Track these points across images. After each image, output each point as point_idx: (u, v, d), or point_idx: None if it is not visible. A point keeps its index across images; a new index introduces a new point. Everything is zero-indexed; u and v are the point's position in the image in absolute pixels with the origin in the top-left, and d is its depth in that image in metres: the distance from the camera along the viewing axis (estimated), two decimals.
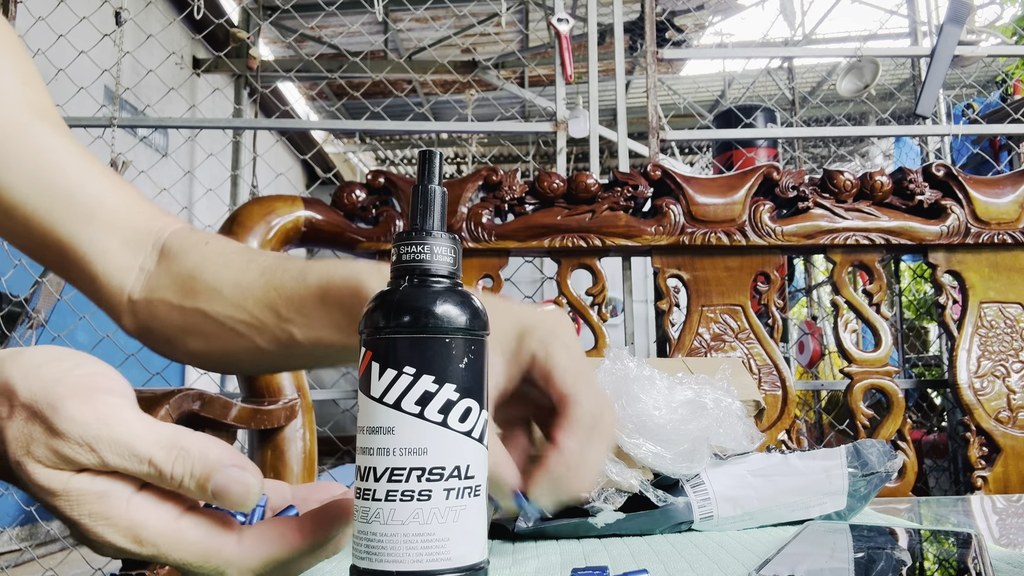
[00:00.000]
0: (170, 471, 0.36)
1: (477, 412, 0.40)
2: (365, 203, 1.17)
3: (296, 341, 0.54)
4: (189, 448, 0.36)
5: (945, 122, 2.88)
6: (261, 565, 0.37)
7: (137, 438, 0.36)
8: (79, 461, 0.35)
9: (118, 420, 0.36)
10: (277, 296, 0.54)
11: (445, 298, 0.39)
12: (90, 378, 0.37)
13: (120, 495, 0.36)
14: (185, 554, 0.36)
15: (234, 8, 5.17)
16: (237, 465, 0.36)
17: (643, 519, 0.62)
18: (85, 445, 0.35)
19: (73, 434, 0.35)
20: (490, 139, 6.89)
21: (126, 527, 0.35)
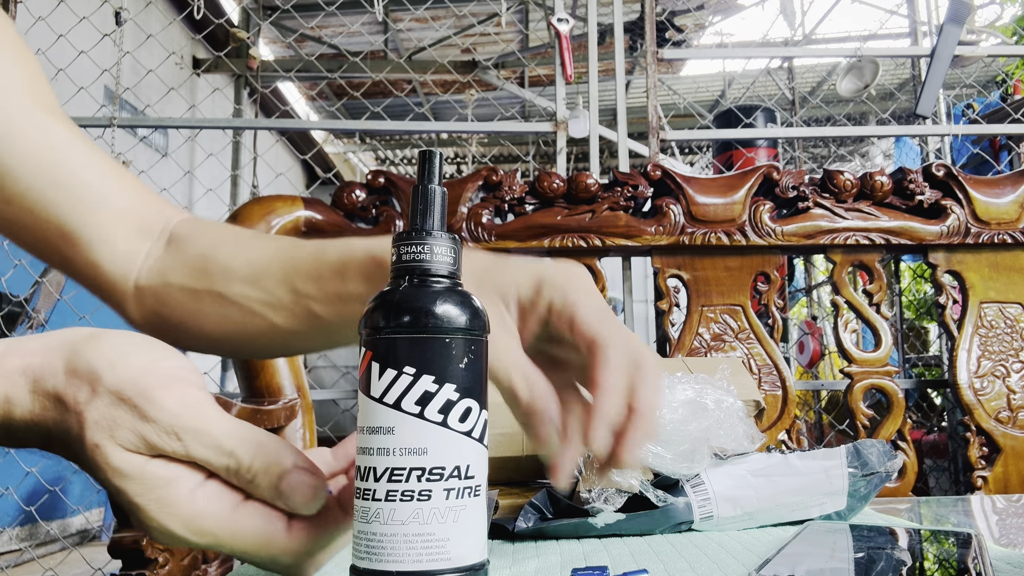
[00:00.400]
0: (248, 464, 0.38)
1: (477, 412, 0.40)
2: (365, 203, 1.17)
3: (315, 316, 0.53)
4: (267, 445, 0.38)
5: (945, 122, 2.88)
6: (312, 547, 0.39)
7: (221, 431, 0.38)
8: (162, 447, 0.37)
9: (205, 412, 0.38)
10: (295, 273, 0.54)
11: (445, 298, 0.40)
12: (177, 371, 0.39)
13: (187, 483, 0.37)
14: (242, 543, 0.38)
15: (234, 8, 5.17)
16: (308, 469, 0.39)
17: (643, 519, 0.62)
18: (173, 433, 0.37)
19: (164, 421, 0.37)
20: (490, 139, 6.89)
21: (188, 515, 0.37)
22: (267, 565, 0.40)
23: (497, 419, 0.74)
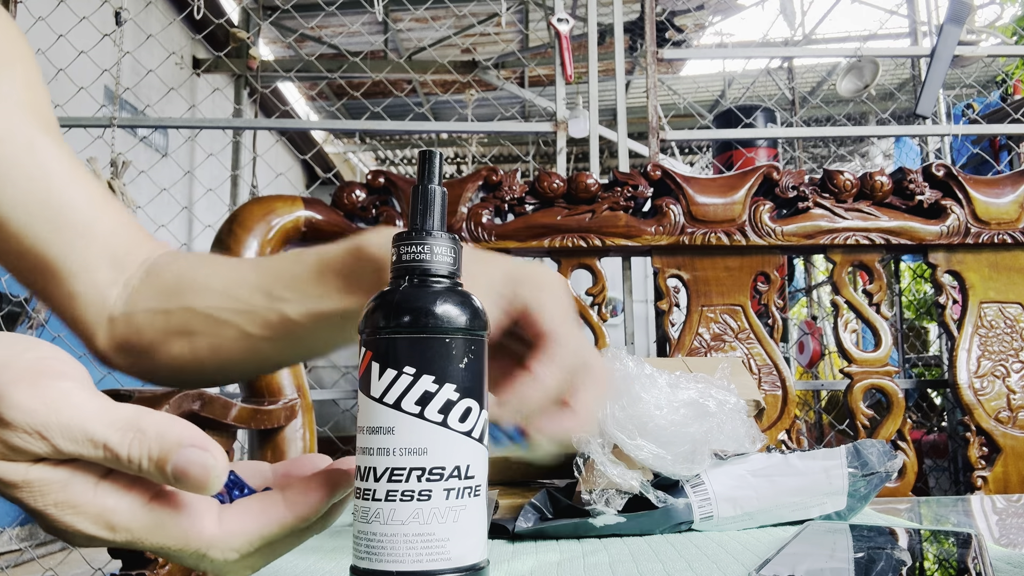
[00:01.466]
0: (126, 454, 0.33)
1: (477, 412, 0.40)
2: (365, 203, 1.17)
3: (288, 320, 0.53)
4: (146, 430, 0.33)
5: (945, 122, 2.88)
6: (246, 544, 0.35)
7: (90, 422, 0.33)
8: (31, 451, 0.33)
9: (68, 404, 0.33)
10: (272, 278, 0.54)
11: (445, 298, 0.40)
12: (39, 362, 0.35)
13: (85, 482, 0.34)
14: (162, 538, 0.34)
15: (234, 8, 5.17)
16: (197, 445, 0.33)
17: (643, 519, 0.62)
18: (35, 433, 0.32)
19: (20, 422, 0.32)
20: (490, 139, 6.89)
21: (96, 514, 0.33)
22: (195, 563, 0.36)
23: None
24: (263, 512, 0.36)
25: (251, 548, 0.35)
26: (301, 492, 0.36)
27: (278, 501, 0.36)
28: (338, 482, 0.38)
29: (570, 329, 0.46)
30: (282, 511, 0.36)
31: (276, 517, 0.36)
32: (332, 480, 0.38)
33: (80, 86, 2.31)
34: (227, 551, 0.35)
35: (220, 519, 0.35)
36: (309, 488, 0.37)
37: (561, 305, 0.46)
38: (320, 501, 0.37)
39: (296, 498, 0.36)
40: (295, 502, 0.36)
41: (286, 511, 0.36)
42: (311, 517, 0.37)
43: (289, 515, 0.36)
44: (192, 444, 0.33)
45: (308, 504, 0.36)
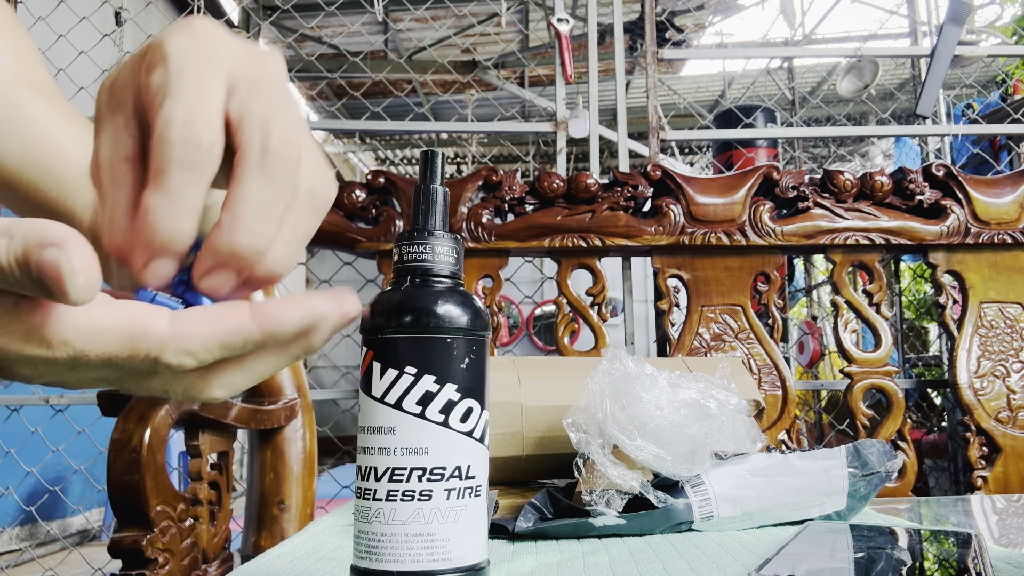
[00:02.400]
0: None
1: (478, 412, 0.40)
2: (365, 203, 1.17)
3: None
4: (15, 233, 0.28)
5: (945, 122, 2.88)
6: (201, 347, 0.31)
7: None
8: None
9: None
10: None
11: (447, 298, 0.40)
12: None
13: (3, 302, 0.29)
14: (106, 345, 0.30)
15: (234, 8, 5.17)
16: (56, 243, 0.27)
17: (643, 519, 0.62)
18: None
19: None
20: (490, 139, 6.89)
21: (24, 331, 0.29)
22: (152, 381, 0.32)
23: (497, 419, 0.74)
24: (221, 317, 0.31)
25: (208, 354, 0.31)
26: (272, 304, 0.32)
27: (242, 309, 0.31)
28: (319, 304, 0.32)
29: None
30: (245, 319, 0.31)
31: (236, 323, 0.31)
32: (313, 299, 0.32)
33: (80, 86, 2.31)
34: (181, 354, 0.30)
35: (172, 320, 0.30)
36: (283, 303, 0.32)
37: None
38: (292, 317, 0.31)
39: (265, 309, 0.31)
40: (262, 313, 0.31)
41: (249, 320, 0.31)
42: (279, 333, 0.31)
43: (252, 325, 0.31)
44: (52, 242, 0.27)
45: (277, 317, 0.31)
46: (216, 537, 0.90)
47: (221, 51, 0.34)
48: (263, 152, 0.33)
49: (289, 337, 0.32)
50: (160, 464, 0.80)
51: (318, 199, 0.35)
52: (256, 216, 0.32)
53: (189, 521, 0.84)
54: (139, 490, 0.77)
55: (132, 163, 0.33)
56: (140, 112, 0.34)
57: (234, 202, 0.32)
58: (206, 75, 0.33)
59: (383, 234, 1.16)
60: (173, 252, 0.32)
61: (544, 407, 0.76)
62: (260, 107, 0.34)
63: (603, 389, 0.61)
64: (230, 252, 0.32)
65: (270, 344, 0.32)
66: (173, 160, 0.31)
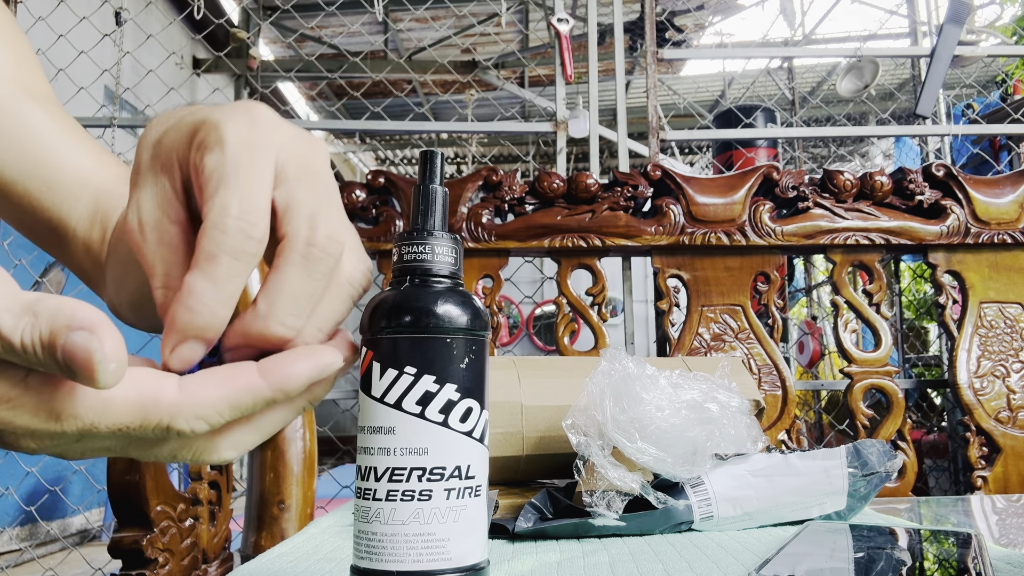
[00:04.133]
0: (19, 340, 0.27)
1: (478, 412, 0.40)
2: (365, 203, 1.17)
3: None
4: (40, 313, 0.28)
5: (945, 122, 2.88)
6: (212, 411, 0.31)
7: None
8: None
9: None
10: None
11: (446, 298, 0.40)
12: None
13: (13, 373, 0.29)
14: (117, 416, 0.30)
15: (234, 8, 5.17)
16: (86, 327, 0.27)
17: (643, 519, 0.62)
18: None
19: None
20: (490, 139, 6.89)
21: (34, 404, 0.29)
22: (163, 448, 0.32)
23: (497, 419, 0.74)
24: (230, 378, 0.31)
25: (220, 417, 0.31)
26: (279, 361, 0.32)
27: (250, 369, 0.32)
28: (324, 356, 0.33)
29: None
30: (254, 378, 0.31)
31: (246, 384, 0.31)
32: (318, 353, 0.33)
33: (80, 86, 2.31)
34: (193, 420, 0.30)
35: (182, 386, 0.31)
36: (290, 358, 0.32)
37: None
38: (301, 372, 0.32)
39: (272, 366, 0.32)
40: (270, 370, 0.31)
41: (259, 379, 0.31)
42: (289, 388, 0.32)
43: (262, 383, 0.31)
44: (81, 326, 0.27)
45: (285, 374, 0.32)
46: (216, 537, 0.90)
47: (274, 139, 0.35)
48: (308, 247, 0.33)
49: (298, 391, 0.32)
50: (160, 464, 0.80)
51: (355, 287, 0.36)
52: (292, 308, 0.33)
53: (189, 521, 0.84)
54: (139, 490, 0.77)
55: (183, 229, 0.34)
56: (187, 184, 0.34)
57: (272, 291, 0.33)
58: (260, 166, 0.33)
59: (383, 234, 1.16)
60: (206, 339, 0.32)
61: (544, 407, 0.76)
62: (308, 199, 0.34)
63: (603, 390, 0.61)
64: (261, 337, 0.33)
65: (280, 400, 0.32)
66: (225, 249, 0.31)
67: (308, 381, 0.32)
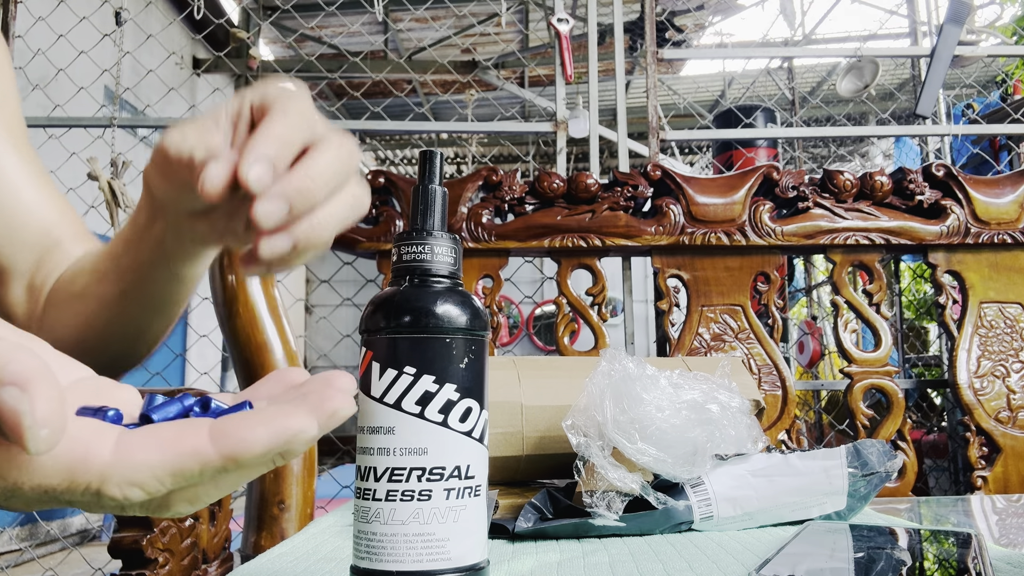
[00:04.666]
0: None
1: (477, 412, 0.40)
2: None
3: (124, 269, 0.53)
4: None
5: (945, 122, 2.88)
6: (150, 478, 0.27)
7: None
8: None
9: None
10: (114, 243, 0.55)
11: (446, 298, 0.40)
12: None
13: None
14: (41, 478, 0.26)
15: (234, 8, 5.17)
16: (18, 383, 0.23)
17: (643, 519, 0.62)
18: None
19: None
20: (490, 139, 6.89)
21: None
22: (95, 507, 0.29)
23: (497, 419, 0.74)
24: (177, 440, 0.27)
25: (159, 484, 0.27)
26: (236, 424, 0.28)
27: (201, 430, 0.27)
28: (290, 421, 0.28)
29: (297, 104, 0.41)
30: (203, 443, 0.27)
31: (192, 449, 0.27)
32: (284, 417, 0.28)
33: (80, 86, 2.31)
34: (126, 487, 0.27)
35: (117, 445, 0.27)
36: (249, 421, 0.28)
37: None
38: (258, 440, 0.27)
39: (227, 428, 0.27)
40: (223, 434, 0.27)
41: (209, 445, 0.27)
42: (241, 458, 0.27)
43: (211, 450, 0.27)
44: (12, 381, 0.23)
45: (239, 440, 0.27)
46: (216, 537, 0.90)
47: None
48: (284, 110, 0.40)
49: (255, 461, 0.28)
50: None
51: (356, 206, 0.41)
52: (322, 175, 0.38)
53: (189, 521, 0.84)
54: None
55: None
56: None
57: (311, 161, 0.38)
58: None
59: (383, 234, 1.16)
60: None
61: (544, 407, 0.76)
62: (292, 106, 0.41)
63: (603, 391, 0.61)
64: (297, 189, 0.37)
65: (232, 469, 0.28)
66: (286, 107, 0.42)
67: (266, 451, 0.27)
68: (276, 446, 0.27)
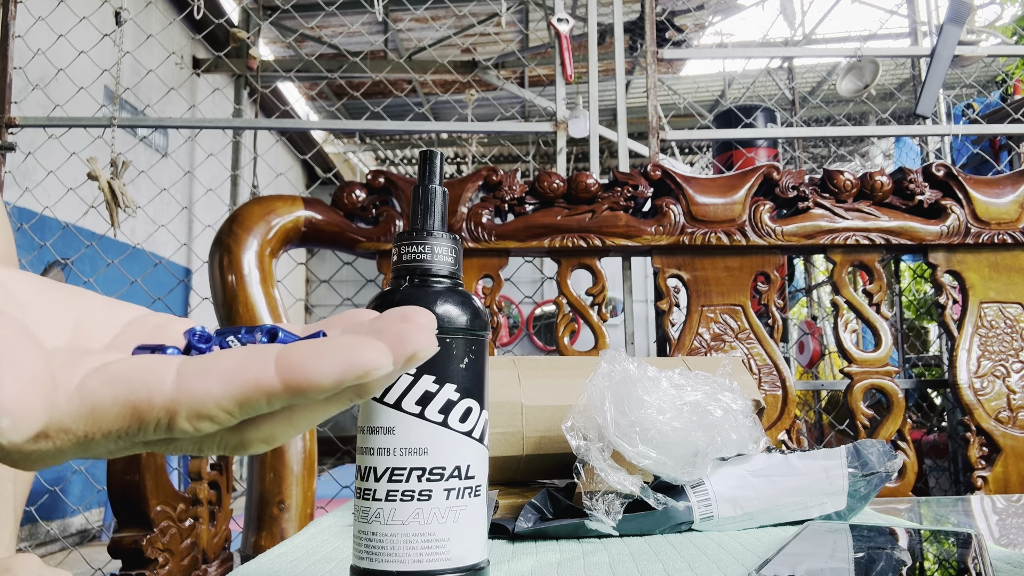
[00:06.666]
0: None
1: (477, 412, 0.40)
2: (365, 203, 1.17)
3: None
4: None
5: (945, 122, 2.88)
6: (217, 409, 0.25)
7: None
8: None
9: None
10: None
11: (446, 298, 0.40)
12: None
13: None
14: (110, 423, 0.25)
15: (234, 8, 5.17)
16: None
17: (643, 519, 0.62)
18: None
19: None
20: (490, 139, 6.89)
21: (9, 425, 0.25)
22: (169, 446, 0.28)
23: (497, 419, 0.74)
24: (240, 369, 0.26)
25: (228, 416, 0.26)
26: (305, 354, 0.26)
27: (268, 359, 0.26)
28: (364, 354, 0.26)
29: None
30: (267, 374, 0.25)
31: (255, 380, 0.25)
32: (358, 349, 0.26)
33: (80, 86, 2.31)
34: (195, 420, 0.25)
35: (179, 379, 0.26)
36: (318, 351, 0.26)
37: None
38: (326, 374, 0.25)
39: (293, 359, 0.26)
40: (289, 366, 0.25)
41: (274, 374, 0.25)
42: (307, 391, 0.26)
43: (276, 382, 0.25)
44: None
45: (306, 374, 0.25)
46: (216, 537, 0.90)
47: None
48: None
49: (324, 394, 0.26)
50: (160, 464, 0.80)
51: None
52: None
53: (189, 521, 0.84)
54: (139, 490, 0.77)
55: None
56: None
57: None
58: None
59: (383, 234, 1.16)
60: None
61: (544, 407, 0.76)
62: None
63: (603, 392, 0.61)
64: None
65: (301, 401, 0.26)
66: None
67: (335, 385, 0.26)
68: (347, 379, 0.25)
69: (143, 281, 2.20)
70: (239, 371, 0.25)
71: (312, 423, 0.30)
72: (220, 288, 1.07)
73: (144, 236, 2.72)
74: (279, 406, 0.26)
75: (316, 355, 0.26)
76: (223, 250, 1.08)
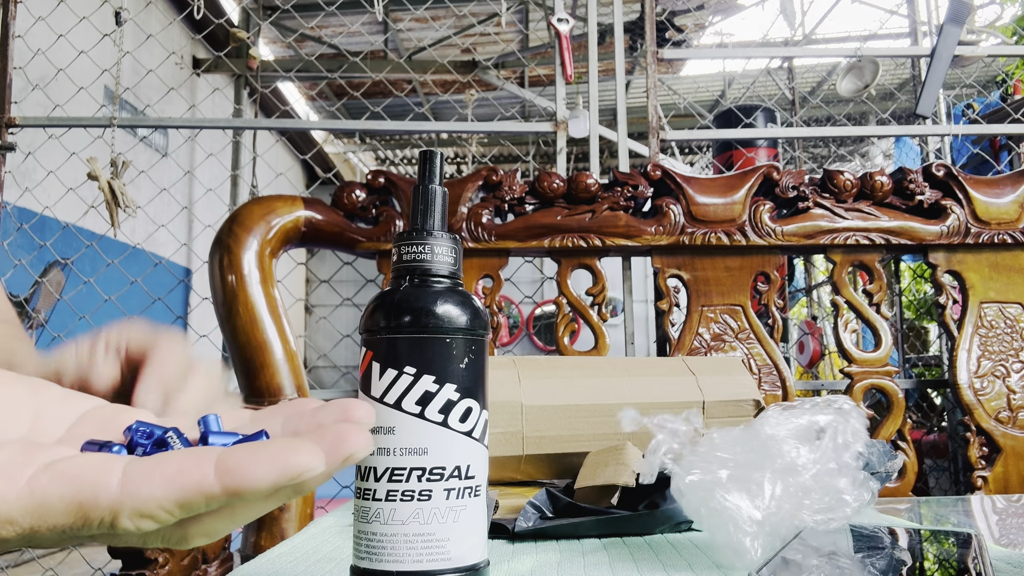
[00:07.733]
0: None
1: (477, 412, 0.40)
2: (365, 203, 1.17)
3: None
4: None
5: (945, 122, 2.88)
6: (158, 509, 0.27)
7: None
8: None
9: None
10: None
11: (446, 298, 0.40)
12: None
13: None
14: (56, 518, 0.27)
15: (234, 8, 5.17)
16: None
17: (644, 519, 0.62)
18: None
19: None
20: (490, 139, 6.89)
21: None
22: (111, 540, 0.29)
23: (497, 419, 0.74)
24: (181, 473, 0.27)
25: (168, 516, 0.27)
26: (241, 458, 0.27)
27: (207, 462, 0.27)
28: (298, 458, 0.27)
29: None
30: (207, 477, 0.27)
31: (196, 483, 0.27)
32: (291, 452, 0.27)
33: (80, 86, 2.31)
34: (137, 519, 0.27)
35: (124, 479, 0.27)
36: (255, 456, 0.27)
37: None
38: (262, 477, 0.27)
39: (232, 464, 0.27)
40: (228, 470, 0.27)
41: (213, 478, 0.27)
42: (245, 494, 0.27)
43: (215, 485, 0.27)
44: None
45: (243, 477, 0.27)
46: None
47: None
48: None
49: (260, 497, 0.28)
50: None
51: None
52: None
53: None
54: None
55: None
56: None
57: None
58: None
59: (383, 234, 1.16)
60: None
61: (544, 407, 0.76)
62: None
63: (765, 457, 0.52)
64: None
65: (238, 503, 0.28)
66: None
67: (271, 488, 0.27)
68: (282, 482, 0.27)
69: (143, 281, 2.20)
70: (180, 475, 0.27)
71: (252, 517, 0.31)
72: (220, 288, 1.07)
73: (144, 236, 2.72)
74: (217, 506, 0.28)
75: (253, 459, 0.27)
76: (223, 250, 1.08)
